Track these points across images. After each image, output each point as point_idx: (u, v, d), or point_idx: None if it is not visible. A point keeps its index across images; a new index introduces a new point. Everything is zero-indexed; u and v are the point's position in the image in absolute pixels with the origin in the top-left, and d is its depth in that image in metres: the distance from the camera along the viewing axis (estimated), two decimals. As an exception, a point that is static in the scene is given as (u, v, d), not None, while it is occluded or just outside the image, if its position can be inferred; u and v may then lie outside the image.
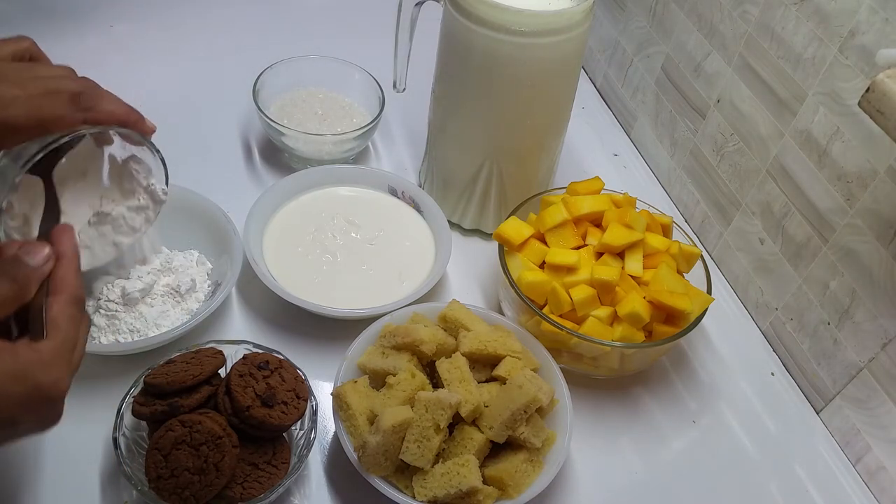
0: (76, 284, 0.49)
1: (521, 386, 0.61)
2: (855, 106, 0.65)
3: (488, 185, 0.83)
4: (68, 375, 0.47)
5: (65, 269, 0.49)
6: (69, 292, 0.48)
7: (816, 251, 0.73)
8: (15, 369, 0.44)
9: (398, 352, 0.66)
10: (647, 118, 1.00)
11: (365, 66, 0.94)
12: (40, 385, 0.45)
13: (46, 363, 0.45)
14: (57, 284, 0.48)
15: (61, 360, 0.46)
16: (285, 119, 0.90)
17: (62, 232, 0.51)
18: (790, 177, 0.76)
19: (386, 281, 0.78)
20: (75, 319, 0.48)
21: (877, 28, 0.64)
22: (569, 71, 0.77)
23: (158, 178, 0.64)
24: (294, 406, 0.61)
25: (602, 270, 0.70)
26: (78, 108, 0.54)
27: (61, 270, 0.49)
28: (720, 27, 0.83)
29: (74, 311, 0.48)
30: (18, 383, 0.44)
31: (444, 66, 0.78)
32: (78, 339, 0.48)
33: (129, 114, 0.57)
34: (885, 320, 0.67)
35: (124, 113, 0.57)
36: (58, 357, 0.46)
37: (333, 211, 0.83)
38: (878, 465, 0.69)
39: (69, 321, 0.47)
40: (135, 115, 0.58)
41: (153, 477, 0.57)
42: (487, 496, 0.60)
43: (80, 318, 0.49)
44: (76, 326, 0.48)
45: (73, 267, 0.50)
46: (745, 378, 0.79)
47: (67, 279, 0.49)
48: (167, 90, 0.97)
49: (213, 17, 1.10)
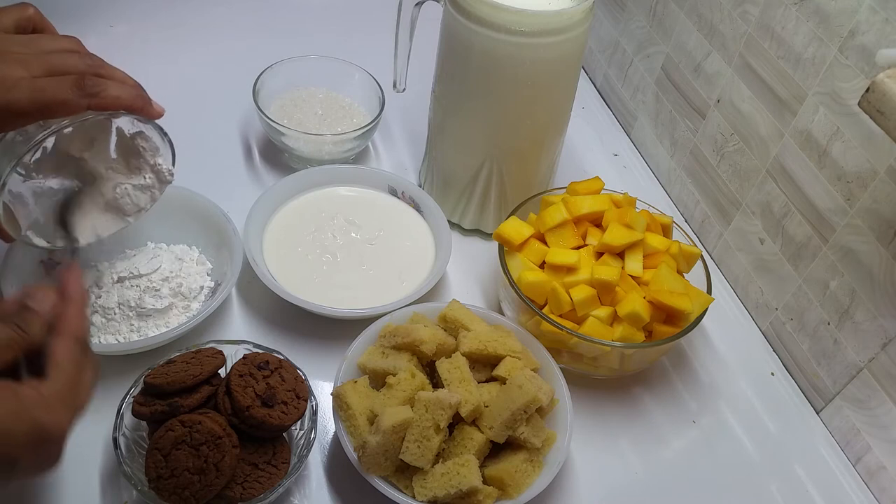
0: (81, 326, 0.49)
1: (521, 386, 0.61)
2: (855, 106, 0.65)
3: (488, 185, 0.83)
4: (70, 417, 0.46)
5: (71, 310, 0.49)
6: (73, 334, 0.48)
7: (816, 251, 0.73)
8: (16, 408, 0.43)
9: (398, 352, 0.66)
10: (647, 118, 1.00)
11: (365, 66, 0.94)
12: (41, 424, 0.44)
13: (48, 403, 0.45)
14: (62, 326, 0.48)
15: (63, 400, 0.45)
16: (285, 119, 0.90)
17: (70, 273, 0.51)
18: (790, 177, 0.76)
19: (386, 281, 0.78)
20: (78, 362, 0.47)
21: (877, 28, 0.64)
22: (569, 71, 0.77)
23: (165, 157, 0.63)
24: (294, 406, 0.61)
25: (602, 270, 0.70)
26: (83, 93, 0.53)
27: (67, 312, 0.48)
28: (720, 27, 0.83)
29: (78, 352, 0.48)
30: (19, 422, 0.43)
31: (444, 66, 0.78)
32: (81, 380, 0.48)
33: (135, 99, 0.56)
34: (885, 320, 0.67)
35: (130, 98, 0.56)
36: (59, 398, 0.45)
37: (333, 211, 0.83)
38: (878, 465, 0.69)
39: (72, 363, 0.47)
40: (141, 102, 0.57)
41: (153, 477, 0.57)
42: (487, 496, 0.60)
43: (84, 360, 0.48)
44: (79, 368, 0.47)
45: (79, 309, 0.49)
46: (745, 378, 0.79)
47: (73, 321, 0.48)
48: (167, 90, 0.96)
49: (213, 17, 1.10)
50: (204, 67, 1.02)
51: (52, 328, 0.48)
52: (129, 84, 0.58)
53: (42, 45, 0.55)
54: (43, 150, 0.58)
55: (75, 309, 0.49)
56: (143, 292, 0.70)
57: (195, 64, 1.03)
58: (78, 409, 0.47)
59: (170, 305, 0.71)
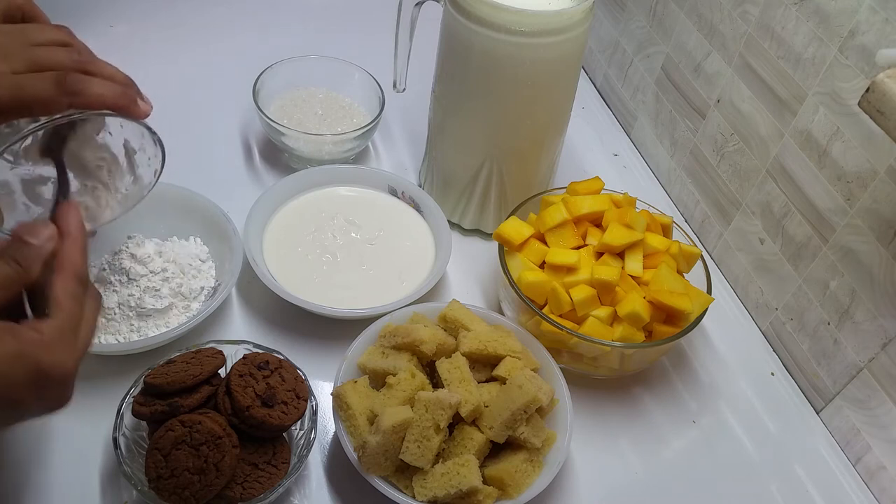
0: (80, 262, 0.47)
1: (521, 386, 0.61)
2: (855, 106, 0.65)
3: (488, 185, 0.83)
4: (73, 355, 0.45)
5: (69, 247, 0.47)
6: (72, 270, 0.47)
7: (816, 251, 0.73)
8: (16, 350, 0.43)
9: (398, 352, 0.66)
10: (647, 118, 1.00)
11: (365, 66, 0.94)
12: (43, 366, 0.43)
13: (48, 344, 0.44)
14: (60, 262, 0.47)
15: (64, 340, 0.45)
16: (285, 119, 0.90)
17: (67, 210, 0.49)
18: (790, 177, 0.76)
19: (386, 281, 0.78)
20: (78, 297, 0.47)
21: (877, 28, 0.64)
22: (569, 71, 0.77)
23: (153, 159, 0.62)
24: (294, 406, 0.61)
25: (602, 270, 0.70)
26: (64, 91, 0.51)
27: (65, 249, 0.47)
28: (720, 27, 0.83)
29: (77, 288, 0.47)
30: (20, 364, 0.43)
31: (444, 66, 0.78)
32: (83, 316, 0.47)
33: (118, 98, 0.54)
34: (885, 320, 0.67)
35: (114, 97, 0.54)
36: (60, 337, 0.45)
37: (333, 211, 0.83)
38: (878, 465, 0.69)
39: (72, 299, 0.46)
40: (125, 100, 0.55)
41: (153, 477, 0.57)
42: (487, 496, 0.60)
43: (84, 295, 0.48)
44: (80, 304, 0.47)
45: (78, 245, 0.48)
46: (745, 378, 0.79)
47: (71, 257, 0.47)
48: (167, 90, 0.96)
49: (213, 17, 1.10)
50: (204, 67, 1.02)
51: (52, 264, 0.47)
52: (117, 80, 0.56)
53: (29, 36, 0.53)
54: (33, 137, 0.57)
55: (74, 245, 0.48)
56: (144, 292, 0.70)
57: (195, 64, 1.03)
58: (82, 346, 0.47)
59: (170, 305, 0.71)
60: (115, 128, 0.60)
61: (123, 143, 0.61)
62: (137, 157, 0.62)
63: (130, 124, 0.60)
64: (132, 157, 0.62)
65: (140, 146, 0.62)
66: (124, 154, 0.62)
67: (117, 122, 0.60)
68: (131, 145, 0.61)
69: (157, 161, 0.62)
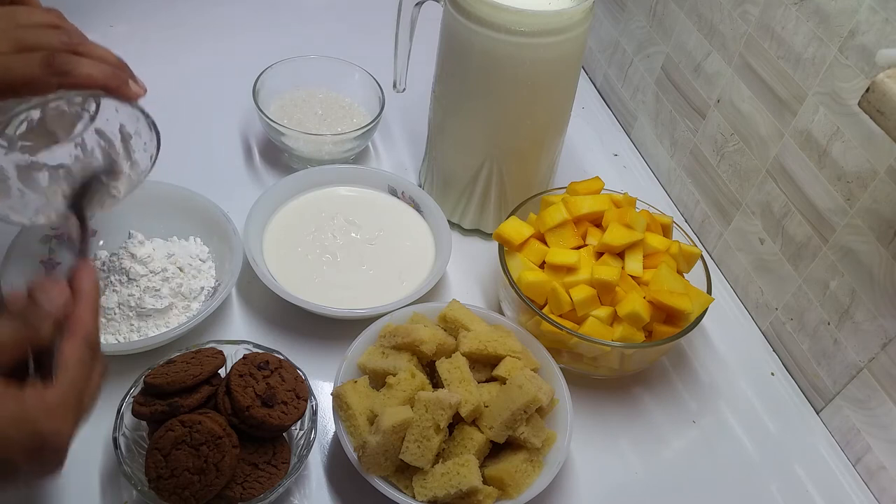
0: (91, 326, 0.47)
1: (521, 386, 0.61)
2: (855, 106, 0.65)
3: (488, 185, 0.83)
4: (73, 423, 0.45)
5: (82, 309, 0.47)
6: (83, 334, 0.46)
7: (816, 251, 0.73)
8: (17, 414, 0.42)
9: (398, 352, 0.66)
10: (647, 118, 1.00)
11: (365, 66, 0.94)
12: (41, 432, 0.43)
13: (50, 410, 0.43)
14: (72, 326, 0.46)
15: (66, 406, 0.44)
16: (285, 119, 0.90)
17: (83, 271, 0.48)
18: (790, 177, 0.76)
19: (386, 281, 0.78)
20: (86, 363, 0.46)
21: (877, 28, 0.64)
22: (569, 71, 0.77)
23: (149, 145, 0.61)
24: (294, 406, 0.61)
25: (602, 270, 0.70)
26: (52, 71, 0.50)
27: (78, 311, 0.46)
28: (720, 27, 0.83)
29: (86, 354, 0.46)
30: (19, 429, 0.42)
31: (444, 66, 0.78)
32: (88, 384, 0.46)
33: (110, 79, 0.52)
34: (885, 320, 0.67)
35: (104, 77, 0.52)
36: (63, 404, 0.44)
37: (333, 211, 0.83)
38: (878, 465, 0.69)
39: (79, 365, 0.45)
40: (117, 81, 0.53)
41: (153, 477, 0.57)
42: (487, 496, 0.60)
43: (93, 362, 0.47)
44: (86, 370, 0.46)
45: (91, 308, 0.47)
46: (745, 378, 0.79)
47: (83, 321, 0.46)
48: (167, 90, 0.97)
49: (213, 17, 1.10)
50: (204, 67, 1.02)
51: (63, 327, 0.46)
52: (109, 62, 0.54)
53: (17, 18, 0.52)
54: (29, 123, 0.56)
55: (87, 308, 0.47)
56: (144, 292, 0.70)
57: (195, 64, 1.03)
58: (82, 414, 0.46)
59: (170, 305, 0.71)
60: (111, 112, 0.59)
61: (119, 128, 0.61)
62: (133, 142, 0.61)
63: (125, 108, 0.59)
64: (128, 142, 0.61)
65: (135, 130, 0.61)
66: (120, 140, 0.61)
67: (112, 107, 0.59)
68: (127, 130, 0.61)
69: (152, 146, 0.60)
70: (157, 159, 0.61)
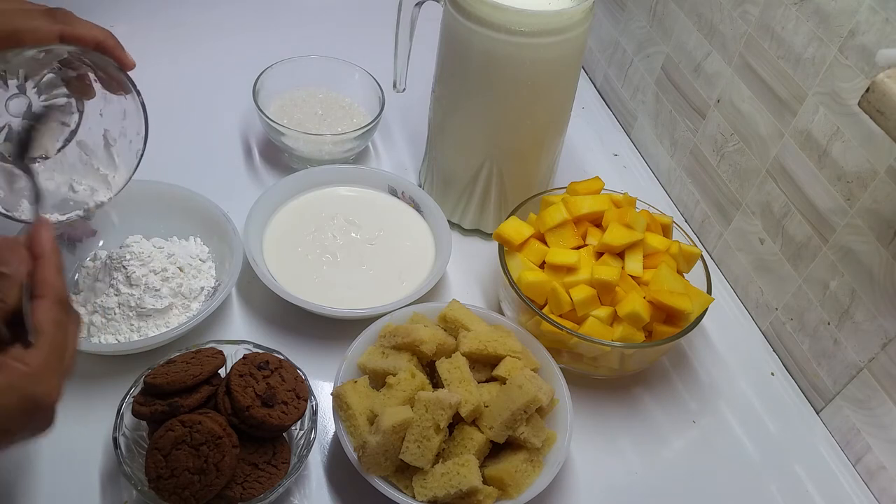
0: (58, 284, 0.47)
1: (521, 386, 0.61)
2: (855, 106, 0.65)
3: (488, 185, 0.83)
4: (59, 382, 0.45)
5: (45, 269, 0.47)
6: (52, 294, 0.46)
7: (816, 251, 0.73)
8: (5, 383, 0.43)
9: (398, 352, 0.66)
10: (647, 118, 1.00)
11: (365, 66, 0.94)
12: (31, 396, 0.43)
13: (36, 374, 0.44)
14: (38, 287, 0.46)
15: (50, 368, 0.45)
16: (285, 119, 0.90)
17: (38, 230, 0.48)
18: (790, 177, 0.76)
19: (386, 281, 0.78)
20: (61, 323, 0.46)
21: (877, 28, 0.64)
22: (569, 71, 0.77)
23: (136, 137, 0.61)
24: (294, 406, 0.61)
25: (602, 270, 0.70)
26: (54, 20, 0.53)
27: (42, 272, 0.46)
28: (720, 27, 0.83)
29: (59, 314, 0.46)
30: (9, 396, 0.43)
31: (444, 66, 0.78)
32: (66, 342, 0.47)
33: (107, 37, 0.55)
34: (885, 320, 0.67)
35: (102, 35, 0.55)
36: (47, 366, 0.44)
37: (333, 211, 0.83)
38: (878, 465, 0.69)
39: (55, 326, 0.45)
40: (113, 41, 0.56)
41: (153, 477, 0.57)
42: (487, 496, 0.60)
43: (67, 319, 0.47)
44: (63, 330, 0.46)
45: (54, 267, 0.47)
46: (745, 378, 0.79)
47: (48, 280, 0.46)
48: (167, 90, 0.97)
49: (213, 17, 1.10)
50: (204, 67, 1.02)
51: (30, 290, 0.46)
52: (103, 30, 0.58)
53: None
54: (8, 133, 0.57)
55: (49, 266, 0.47)
56: (144, 292, 0.70)
57: (196, 64, 1.03)
58: (66, 372, 0.46)
59: (170, 305, 0.71)
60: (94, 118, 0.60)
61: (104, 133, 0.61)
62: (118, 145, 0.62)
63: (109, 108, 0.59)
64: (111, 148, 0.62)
65: (121, 131, 0.61)
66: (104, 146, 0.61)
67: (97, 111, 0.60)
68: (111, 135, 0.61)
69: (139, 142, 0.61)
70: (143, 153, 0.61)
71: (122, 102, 0.61)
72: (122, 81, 0.58)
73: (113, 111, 0.60)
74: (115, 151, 0.62)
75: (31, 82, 0.57)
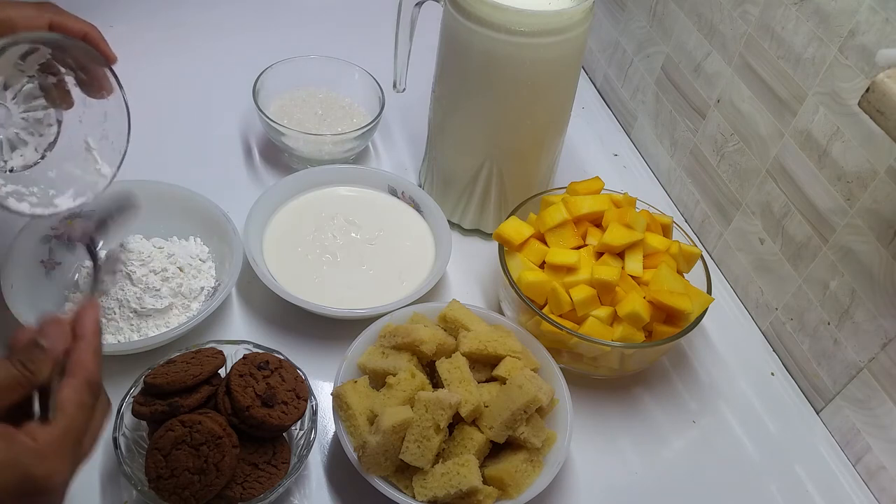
0: (93, 367, 0.46)
1: (521, 386, 0.61)
2: (855, 106, 0.65)
3: (488, 185, 0.83)
4: (68, 467, 0.44)
5: (82, 351, 0.46)
6: (83, 376, 0.46)
7: (816, 251, 0.73)
8: (7, 457, 0.41)
9: (398, 352, 0.66)
10: (647, 118, 1.00)
11: (365, 66, 0.94)
12: (31, 476, 0.42)
13: (42, 453, 0.42)
14: (71, 367, 0.46)
15: (61, 450, 0.43)
16: (285, 119, 0.90)
17: (86, 311, 0.48)
18: (790, 177, 0.76)
19: (386, 281, 0.78)
20: (85, 405, 0.45)
21: (877, 28, 0.64)
22: (569, 71, 0.77)
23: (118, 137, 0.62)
24: (294, 406, 0.61)
25: (602, 270, 0.70)
26: (44, 10, 0.56)
27: (78, 352, 0.46)
28: (720, 27, 0.83)
29: (86, 396, 0.45)
30: (8, 472, 0.41)
31: (444, 66, 0.78)
32: (88, 426, 0.46)
33: (92, 30, 0.58)
34: (885, 320, 0.67)
35: (88, 27, 0.58)
36: (57, 446, 0.43)
37: (333, 211, 0.83)
38: (878, 465, 0.69)
39: (77, 407, 0.45)
40: (98, 34, 0.58)
41: (153, 477, 0.57)
42: (487, 496, 0.60)
43: (93, 404, 0.46)
44: (85, 413, 0.45)
45: (92, 349, 0.47)
46: (745, 378, 0.79)
47: (82, 362, 0.46)
48: (167, 90, 0.97)
49: (213, 17, 1.10)
50: (204, 67, 1.02)
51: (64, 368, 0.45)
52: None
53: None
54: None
55: (88, 348, 0.47)
56: (144, 292, 0.70)
57: (195, 64, 1.03)
58: (81, 457, 0.45)
59: (170, 305, 0.71)
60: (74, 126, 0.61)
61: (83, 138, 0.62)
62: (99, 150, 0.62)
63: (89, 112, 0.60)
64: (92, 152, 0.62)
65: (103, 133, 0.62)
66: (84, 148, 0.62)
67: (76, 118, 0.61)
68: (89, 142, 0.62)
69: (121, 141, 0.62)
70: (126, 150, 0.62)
71: (103, 105, 0.61)
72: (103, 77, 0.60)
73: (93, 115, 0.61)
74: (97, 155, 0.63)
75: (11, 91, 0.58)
